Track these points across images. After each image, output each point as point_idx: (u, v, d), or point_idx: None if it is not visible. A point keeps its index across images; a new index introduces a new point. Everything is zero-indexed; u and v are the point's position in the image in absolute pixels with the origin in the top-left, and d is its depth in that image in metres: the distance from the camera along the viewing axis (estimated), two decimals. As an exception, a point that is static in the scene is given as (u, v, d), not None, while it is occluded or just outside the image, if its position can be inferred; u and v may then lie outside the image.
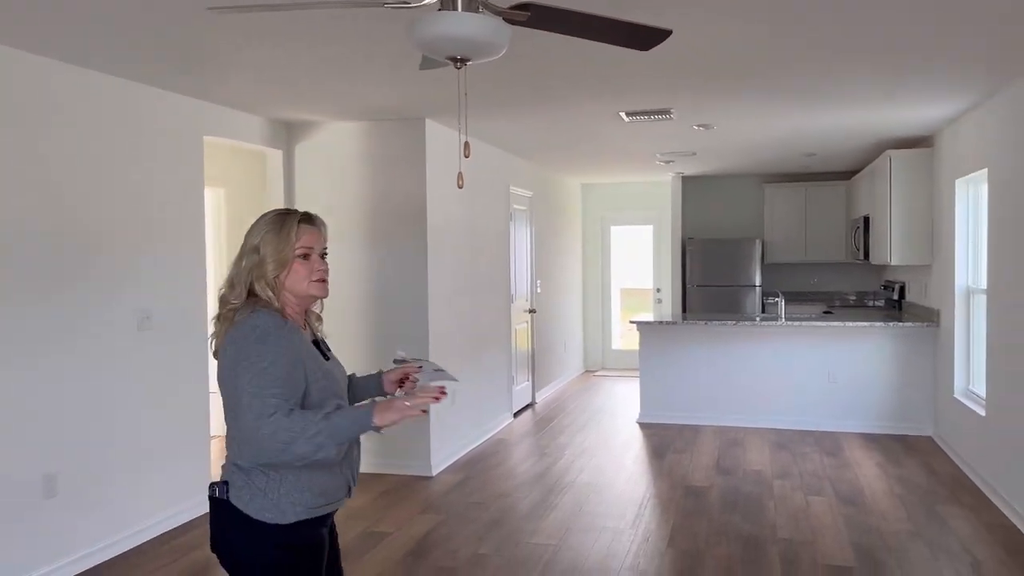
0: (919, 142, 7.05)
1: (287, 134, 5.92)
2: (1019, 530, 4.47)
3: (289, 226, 2.04)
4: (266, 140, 5.71)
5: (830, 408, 7.07)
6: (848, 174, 9.42)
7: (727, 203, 10.06)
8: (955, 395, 6.04)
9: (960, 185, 5.97)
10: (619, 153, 7.74)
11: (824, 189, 9.46)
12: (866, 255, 8.08)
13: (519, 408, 8.04)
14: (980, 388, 5.74)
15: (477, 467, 6.04)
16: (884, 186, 7.13)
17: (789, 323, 7.12)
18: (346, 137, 5.85)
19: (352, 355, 5.87)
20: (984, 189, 5.72)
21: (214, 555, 2.06)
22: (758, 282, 9.43)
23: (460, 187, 2.83)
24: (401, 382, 2.25)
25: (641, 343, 7.53)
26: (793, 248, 9.56)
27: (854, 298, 9.65)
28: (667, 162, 8.39)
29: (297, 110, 5.43)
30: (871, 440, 6.68)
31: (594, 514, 4.92)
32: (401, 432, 5.82)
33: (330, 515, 2.13)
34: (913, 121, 6.10)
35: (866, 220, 8.02)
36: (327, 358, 2.14)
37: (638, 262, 10.99)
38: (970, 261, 5.95)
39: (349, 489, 2.12)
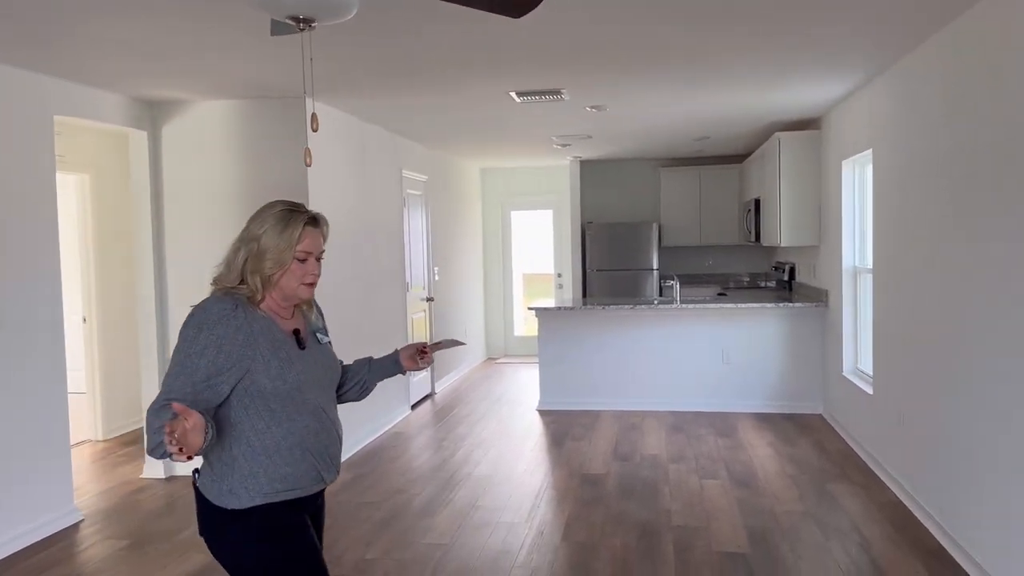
0: (807, 124, 7.16)
1: (152, 114, 5.47)
2: (906, 506, 4.56)
3: (294, 226, 2.04)
4: (128, 120, 5.25)
5: (725, 389, 7.14)
6: (740, 157, 9.56)
7: (624, 187, 10.07)
8: (844, 373, 6.17)
9: (846, 166, 6.07)
10: (515, 136, 7.58)
11: (717, 172, 9.58)
12: (757, 237, 8.20)
13: (417, 399, 7.81)
14: (867, 366, 5.86)
15: (370, 464, 5.78)
16: (774, 168, 7.22)
17: (685, 306, 7.14)
18: (219, 117, 5.45)
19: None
20: (869, 170, 5.83)
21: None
22: (656, 265, 9.48)
23: (308, 165, 2.59)
24: (422, 355, 2.43)
25: (540, 330, 7.42)
26: (688, 231, 9.66)
27: (747, 279, 9.83)
28: (564, 145, 8.28)
29: (163, 87, 5.01)
30: (764, 420, 6.77)
31: (489, 508, 4.75)
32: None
33: (303, 501, 2.10)
34: (801, 103, 6.16)
35: (757, 203, 8.13)
36: (302, 347, 2.11)
37: (539, 247, 10.89)
38: (856, 241, 6.07)
39: (321, 476, 2.11)
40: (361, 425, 6.27)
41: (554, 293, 10.64)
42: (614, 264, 9.54)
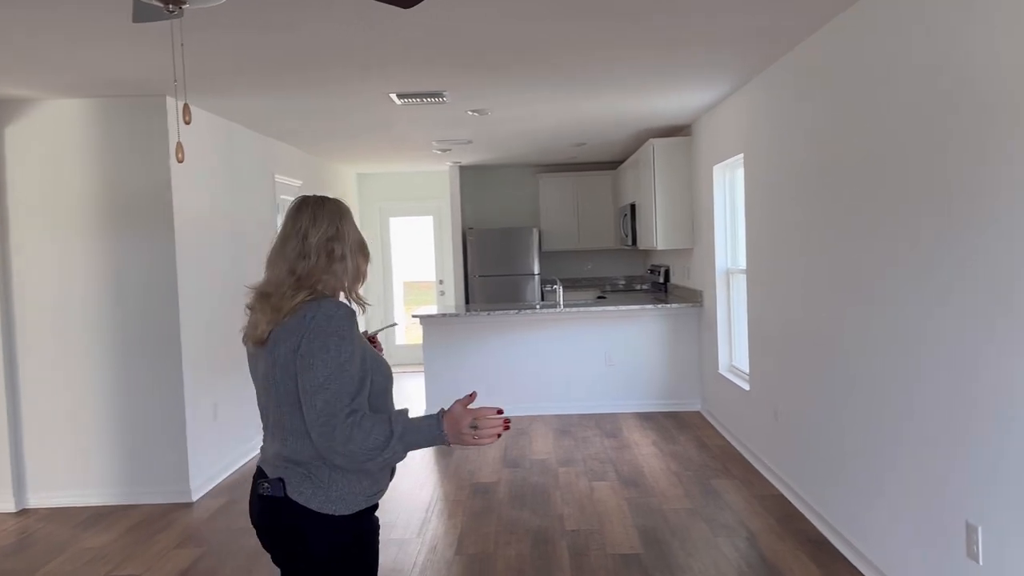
0: (678, 131, 7.36)
1: (-9, 113, 4.96)
2: (786, 498, 4.72)
3: (355, 223, 2.02)
4: (-38, 119, 4.74)
5: (608, 390, 7.23)
6: (614, 164, 9.76)
7: (504, 193, 10.07)
8: (720, 371, 6.36)
9: (718, 171, 6.26)
10: (395, 140, 7.40)
11: (593, 178, 9.74)
12: (634, 241, 8.38)
13: (295, 415, 7.46)
14: (742, 363, 6.06)
15: (245, 487, 5.45)
16: (648, 174, 7.39)
17: (567, 309, 7.18)
18: (71, 117, 5.00)
19: (84, 371, 5.07)
20: (739, 174, 6.04)
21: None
22: (537, 270, 9.51)
23: (180, 160, 2.38)
24: (371, 344, 2.20)
25: (424, 338, 7.27)
26: (567, 236, 9.76)
27: (623, 283, 10.03)
28: (444, 150, 8.17)
29: (4, 83, 4.54)
30: (647, 418, 6.89)
31: (383, 528, 4.56)
32: (153, 454, 5.14)
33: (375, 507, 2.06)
34: (673, 110, 6.32)
35: (632, 207, 8.31)
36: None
37: (420, 254, 10.72)
38: (728, 244, 6.28)
39: (392, 472, 2.06)
40: (233, 447, 5.91)
41: (436, 300, 10.49)
42: (496, 270, 9.51)
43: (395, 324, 2.29)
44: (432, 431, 1.87)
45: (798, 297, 4.46)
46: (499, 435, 1.88)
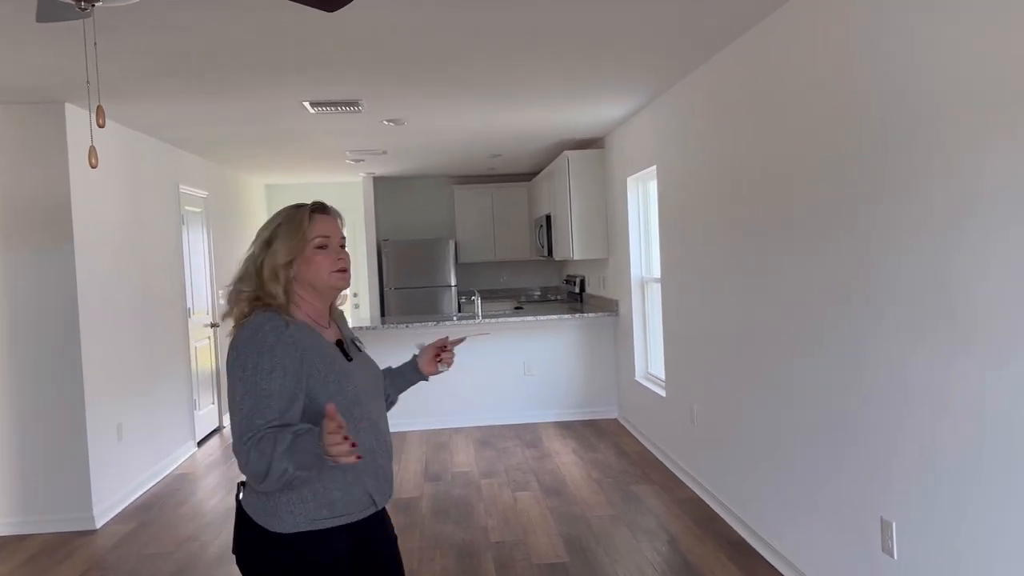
0: (592, 143, 7.48)
1: None
2: (703, 501, 4.82)
3: (301, 216, 1.94)
4: None
5: (528, 400, 7.24)
6: (529, 175, 9.83)
7: (419, 204, 10.00)
8: (636, 378, 6.46)
9: (631, 183, 6.39)
10: (306, 150, 7.24)
11: (508, 190, 9.79)
12: (550, 252, 8.45)
13: (204, 435, 7.18)
14: (658, 370, 6.18)
15: (154, 511, 5.20)
16: (563, 185, 7.47)
17: (486, 320, 7.16)
18: (-44, 123, 4.68)
19: (-22, 394, 4.74)
20: (652, 185, 6.17)
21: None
22: (453, 282, 9.47)
23: (93, 166, 2.25)
24: (441, 354, 2.30)
25: (338, 352, 7.10)
26: (483, 248, 9.77)
27: (539, 293, 10.10)
28: (357, 161, 8.04)
29: None
30: (565, 427, 6.94)
31: (296, 546, 4.42)
32: (50, 479, 4.84)
33: (349, 528, 1.90)
34: (587, 123, 6.42)
35: (548, 218, 8.38)
36: (349, 358, 1.98)
37: (331, 267, 10.49)
38: (642, 253, 6.40)
39: (373, 500, 1.95)
40: (139, 469, 5.63)
41: (350, 313, 10.30)
42: (411, 282, 9.42)
43: (487, 333, 2.18)
44: (315, 445, 1.70)
45: (710, 303, 4.58)
46: (353, 456, 1.66)
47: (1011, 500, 2.24)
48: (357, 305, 10.25)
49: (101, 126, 2.02)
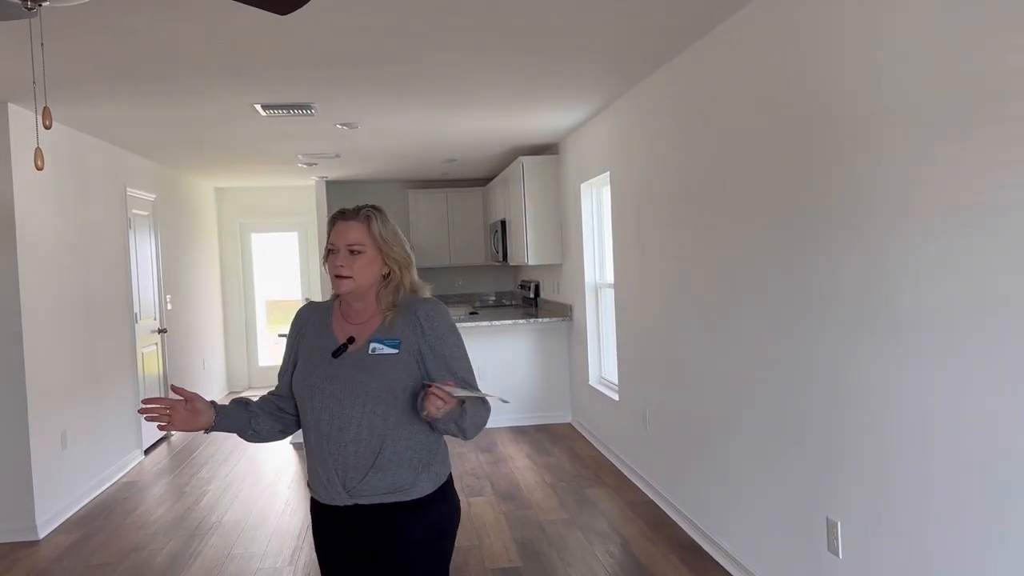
0: (546, 149, 7.53)
1: None
2: (656, 504, 4.88)
3: (331, 221, 2.11)
4: None
5: (482, 406, 7.23)
6: (484, 180, 9.85)
7: (372, 208, 9.92)
8: (590, 383, 6.52)
9: (585, 189, 6.45)
10: (257, 153, 7.15)
11: (463, 195, 9.79)
12: (505, 257, 8.48)
13: (152, 443, 7.03)
14: (612, 375, 6.24)
15: (99, 521, 5.07)
16: (518, 191, 7.51)
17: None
18: None
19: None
20: (605, 192, 6.24)
21: None
22: (407, 287, 9.41)
23: (39, 168, 2.20)
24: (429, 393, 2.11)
25: (291, 357, 7.01)
26: (438, 253, 9.74)
27: (493, 298, 10.12)
28: (309, 164, 7.97)
29: None
30: (520, 432, 6.96)
31: (246, 556, 4.36)
32: (-9, 492, 4.68)
33: (328, 509, 2.08)
34: (541, 129, 6.46)
35: (503, 224, 8.41)
36: (336, 354, 2.05)
37: (285, 271, 10.38)
38: (596, 259, 6.47)
39: (332, 493, 2.03)
40: (84, 478, 5.49)
41: (301, 319, 10.16)
42: (365, 286, 9.33)
43: (506, 402, 2.02)
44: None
45: (660, 308, 4.66)
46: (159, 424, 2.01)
47: (955, 498, 2.32)
48: (310, 310, 10.13)
49: (47, 127, 1.98)
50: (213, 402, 2.08)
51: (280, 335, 4.54)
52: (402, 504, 2.02)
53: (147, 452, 6.83)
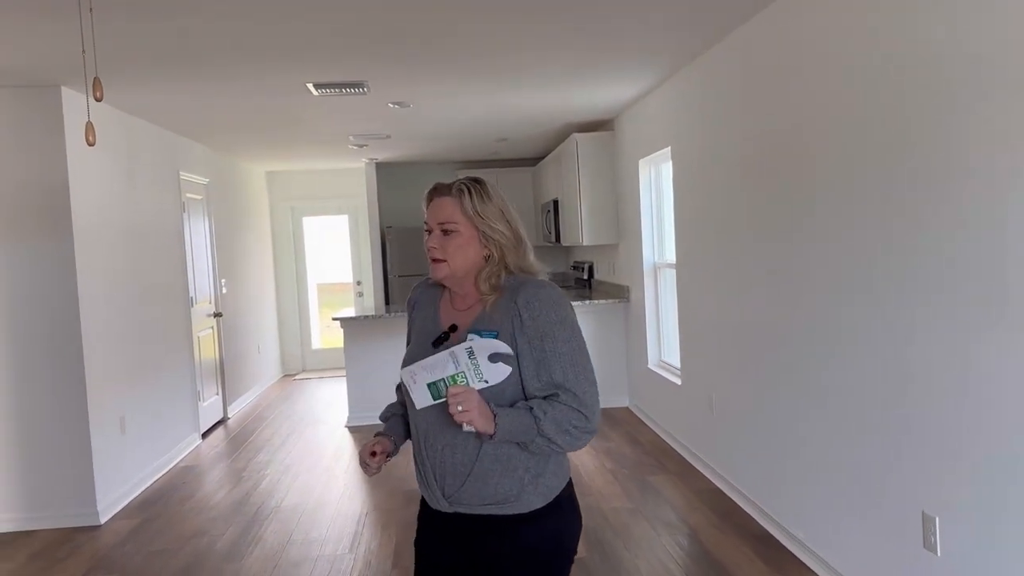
0: (600, 126, 7.31)
1: None
2: (723, 492, 4.70)
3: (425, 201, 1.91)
4: None
5: (537, 390, 7.09)
6: (534, 160, 9.67)
7: (422, 190, 9.70)
8: (649, 366, 6.33)
9: (643, 165, 6.23)
10: (309, 135, 7.08)
11: (512, 175, 9.62)
12: (557, 238, 8.30)
13: (208, 427, 7.06)
14: (672, 358, 6.05)
15: (159, 505, 5.08)
16: (572, 169, 7.31)
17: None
18: (-52, 108, 4.53)
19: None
20: (665, 168, 6.02)
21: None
22: (458, 269, 9.31)
23: (91, 143, 2.11)
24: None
25: (346, 341, 6.98)
26: (489, 233, 9.60)
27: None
28: (360, 146, 7.88)
29: None
30: (577, 417, 6.80)
31: (306, 542, 4.31)
32: (53, 474, 4.72)
33: (431, 511, 1.91)
34: (596, 105, 6.26)
35: (555, 204, 8.23)
36: (437, 343, 1.83)
37: (336, 254, 10.36)
38: (655, 238, 6.25)
39: (438, 497, 1.85)
40: (143, 462, 5.51)
41: (354, 302, 10.17)
42: (417, 269, 9.26)
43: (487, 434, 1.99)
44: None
45: (731, 289, 4.44)
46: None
47: (1073, 496, 2.11)
48: (361, 294, 10.12)
49: (98, 99, 1.88)
50: (383, 433, 2.00)
51: (334, 318, 4.45)
52: (506, 518, 1.79)
53: (204, 436, 6.86)
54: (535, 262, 1.91)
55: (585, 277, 8.41)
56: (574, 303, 6.92)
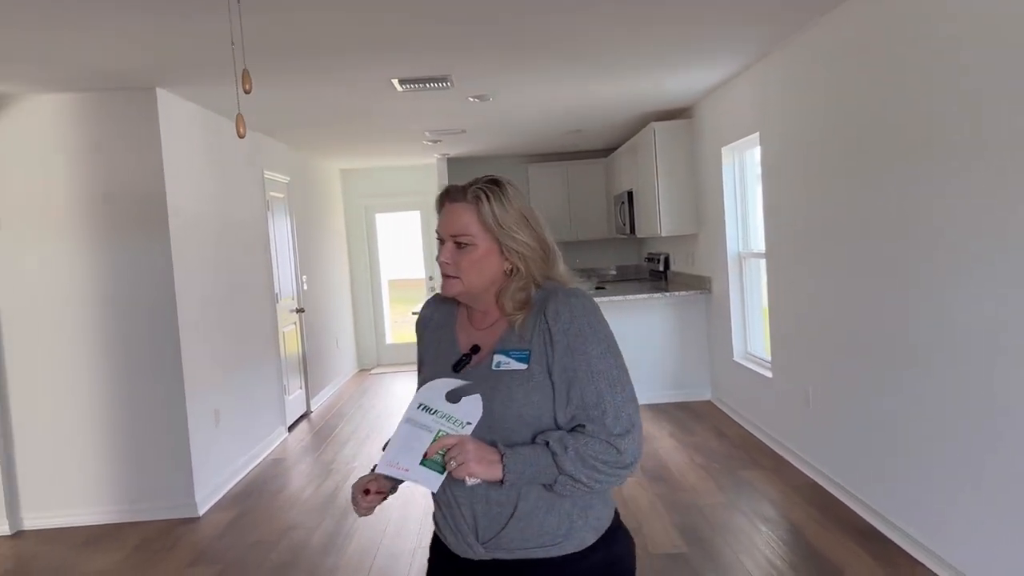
0: (678, 114, 7.18)
1: (-33, 110, 4.62)
2: (822, 487, 4.56)
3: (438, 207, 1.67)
4: (-64, 117, 4.40)
5: (617, 383, 7.01)
6: (605, 151, 9.57)
7: (493, 184, 9.82)
8: (734, 358, 6.20)
9: (726, 153, 6.10)
10: (385, 132, 7.14)
11: (584, 167, 9.55)
12: (632, 229, 8.20)
13: (294, 420, 7.19)
14: (759, 350, 5.91)
15: (253, 498, 5.18)
16: (648, 159, 7.21)
17: (572, 301, 6.95)
18: (52, 113, 4.68)
19: (77, 382, 4.77)
20: (750, 155, 5.88)
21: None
22: (530, 263, 9.29)
23: (241, 135, 2.13)
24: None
25: (423, 335, 7.00)
26: (560, 227, 9.55)
27: (615, 273, 9.85)
28: (435, 141, 7.91)
29: (-21, 77, 4.22)
30: (658, 410, 6.72)
31: (400, 536, 4.33)
32: (153, 467, 4.85)
33: (453, 555, 1.60)
34: (674, 93, 6.14)
35: (629, 195, 8.13)
36: (457, 368, 1.58)
37: (408, 250, 10.45)
38: (739, 227, 6.11)
39: (470, 543, 1.56)
40: (236, 455, 5.63)
41: (425, 298, 10.23)
42: (489, 263, 9.26)
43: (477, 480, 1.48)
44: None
45: (828, 276, 4.30)
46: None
47: None
48: (433, 288, 10.19)
49: (247, 91, 1.90)
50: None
51: (413, 312, 4.45)
52: (555, 560, 1.54)
53: (290, 429, 6.98)
54: (565, 271, 1.66)
55: (660, 269, 8.29)
56: (650, 295, 6.87)
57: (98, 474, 4.82)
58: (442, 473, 1.45)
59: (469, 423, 1.48)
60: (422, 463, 1.46)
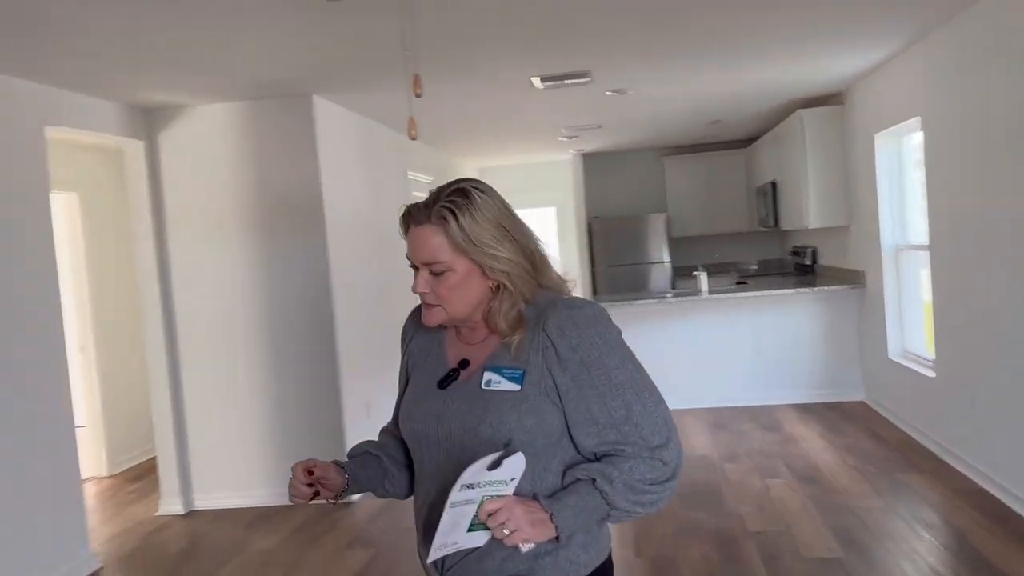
0: (825, 100, 6.87)
1: (147, 121, 5.05)
2: (991, 494, 4.25)
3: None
4: (123, 129, 4.84)
5: (760, 381, 6.83)
6: (745, 142, 9.29)
7: (628, 179, 9.77)
8: (891, 357, 5.87)
9: (880, 140, 5.78)
10: (523, 130, 7.24)
11: (722, 158, 9.32)
12: (776, 222, 7.92)
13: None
14: (918, 348, 5.58)
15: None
16: (795, 148, 6.94)
17: (713, 296, 6.82)
18: (219, 121, 5.04)
19: (244, 372, 5.12)
20: (906, 142, 5.55)
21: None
22: (667, 257, 9.18)
23: (413, 137, 2.23)
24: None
25: (561, 330, 7.05)
26: (697, 220, 9.37)
27: (755, 267, 9.54)
28: (571, 137, 7.94)
29: (157, 90, 4.60)
30: (806, 410, 6.47)
31: (544, 526, 4.39)
32: (310, 453, 5.14)
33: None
34: (822, 78, 5.87)
35: (773, 186, 7.85)
36: (443, 385, 1.47)
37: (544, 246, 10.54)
38: (895, 218, 5.78)
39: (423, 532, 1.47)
40: (387, 443, 5.87)
41: (562, 292, 10.28)
42: (623, 259, 9.23)
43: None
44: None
45: (1002, 271, 4.00)
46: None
47: None
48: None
49: (418, 95, 2.00)
50: (342, 465, 1.59)
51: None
52: None
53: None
54: (558, 276, 1.50)
55: (808, 263, 7.96)
56: (796, 290, 6.61)
57: (262, 459, 5.16)
58: (487, 529, 1.31)
59: (513, 479, 1.33)
60: (468, 531, 1.32)
